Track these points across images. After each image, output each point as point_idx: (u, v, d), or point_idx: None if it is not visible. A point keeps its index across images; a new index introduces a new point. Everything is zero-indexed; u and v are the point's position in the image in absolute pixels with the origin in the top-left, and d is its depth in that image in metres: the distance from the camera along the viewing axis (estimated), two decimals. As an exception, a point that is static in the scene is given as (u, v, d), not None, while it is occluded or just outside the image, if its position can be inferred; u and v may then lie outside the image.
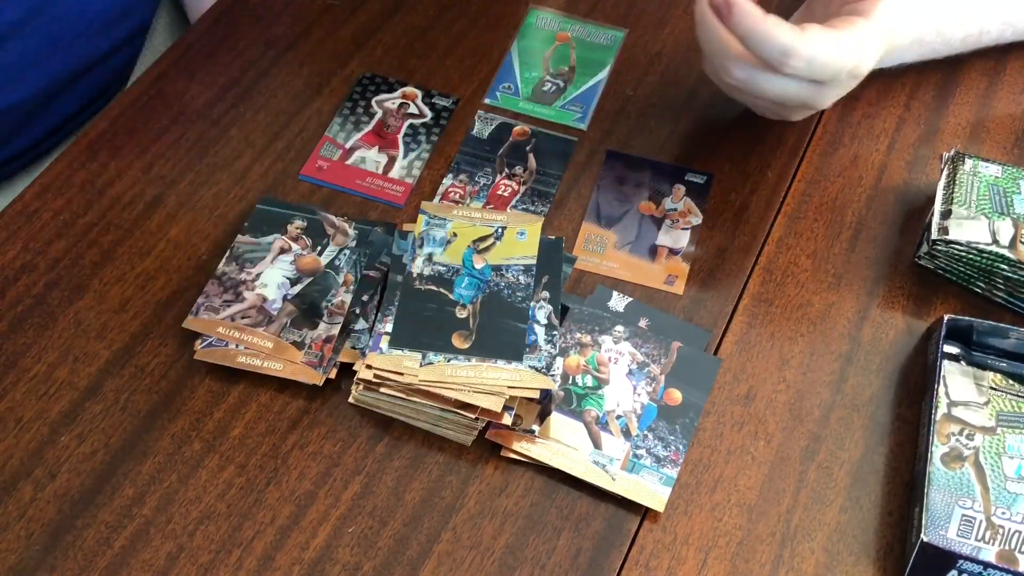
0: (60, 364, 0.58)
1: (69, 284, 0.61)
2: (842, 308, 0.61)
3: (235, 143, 0.68)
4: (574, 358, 0.58)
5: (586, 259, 0.63)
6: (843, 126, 0.70)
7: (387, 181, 0.66)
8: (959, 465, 0.53)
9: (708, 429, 0.56)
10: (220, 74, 0.72)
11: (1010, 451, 0.53)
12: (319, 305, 0.59)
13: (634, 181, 0.67)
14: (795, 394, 0.58)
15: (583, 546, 0.52)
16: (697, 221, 0.65)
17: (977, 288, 0.61)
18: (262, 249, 0.61)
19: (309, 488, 0.54)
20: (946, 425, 0.54)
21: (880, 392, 0.58)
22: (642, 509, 0.53)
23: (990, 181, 0.62)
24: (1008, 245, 0.59)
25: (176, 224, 0.64)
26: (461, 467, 0.55)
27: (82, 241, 0.63)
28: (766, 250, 0.64)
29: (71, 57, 0.76)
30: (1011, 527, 0.51)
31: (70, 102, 0.79)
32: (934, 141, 0.69)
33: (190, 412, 0.56)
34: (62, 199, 0.65)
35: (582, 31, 0.75)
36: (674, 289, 0.62)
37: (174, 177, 0.66)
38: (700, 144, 0.69)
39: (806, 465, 0.55)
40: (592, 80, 0.72)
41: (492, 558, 0.52)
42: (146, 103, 0.70)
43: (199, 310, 0.58)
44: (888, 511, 0.54)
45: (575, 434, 0.55)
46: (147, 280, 0.62)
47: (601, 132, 0.69)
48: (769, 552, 0.52)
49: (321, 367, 0.56)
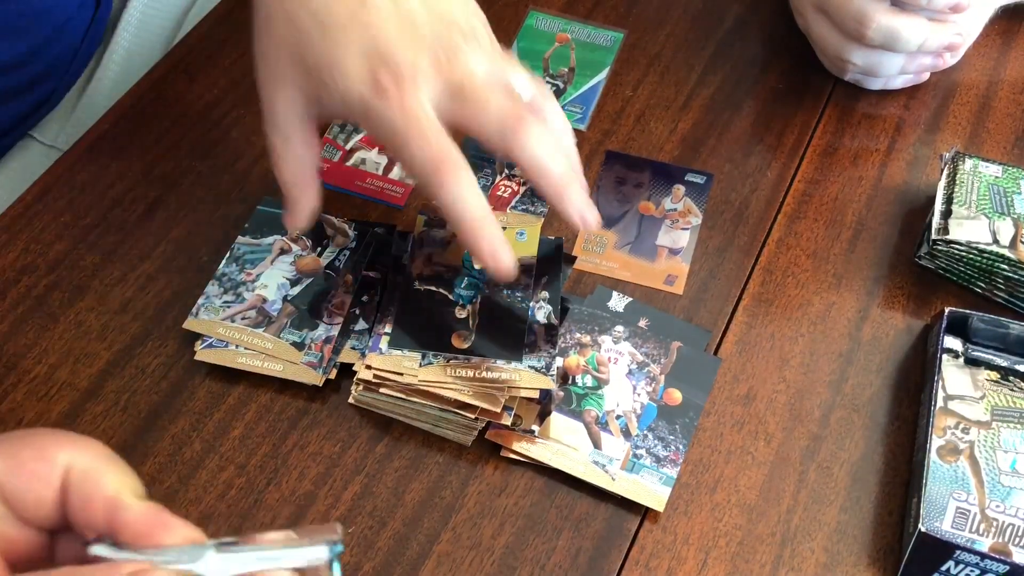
0: (61, 365, 0.58)
1: (70, 285, 0.61)
2: (842, 308, 0.61)
3: (236, 145, 0.68)
4: (574, 358, 0.58)
5: (586, 259, 0.63)
6: (843, 126, 0.70)
7: (387, 182, 0.66)
8: (955, 458, 0.53)
9: (708, 429, 0.56)
10: (221, 76, 0.72)
11: (1005, 445, 0.53)
12: (319, 306, 0.59)
13: (634, 181, 0.67)
14: (795, 394, 0.58)
15: (583, 546, 0.52)
16: (697, 221, 0.65)
17: (977, 288, 0.61)
18: (262, 250, 0.61)
19: (309, 488, 0.54)
20: (942, 419, 0.54)
21: (880, 392, 0.58)
22: (642, 509, 0.53)
23: (990, 181, 0.62)
24: (1008, 245, 0.59)
25: (177, 225, 0.64)
26: (461, 467, 0.55)
27: (83, 242, 0.63)
28: (766, 250, 0.64)
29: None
30: (1005, 520, 0.51)
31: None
32: (934, 141, 0.69)
33: (190, 413, 0.56)
34: (63, 200, 0.65)
35: (582, 32, 0.75)
36: (674, 289, 0.62)
37: (175, 179, 0.67)
38: (700, 144, 0.69)
39: (806, 465, 0.55)
40: (592, 81, 0.72)
41: (492, 558, 0.52)
42: (147, 105, 0.71)
43: (199, 311, 0.58)
44: (888, 511, 0.54)
45: (575, 434, 0.55)
46: (148, 281, 0.62)
47: (601, 132, 0.69)
48: (769, 552, 0.52)
49: (321, 367, 0.56)
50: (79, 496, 0.35)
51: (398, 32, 0.51)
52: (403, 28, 0.51)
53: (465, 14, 0.53)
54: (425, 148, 0.50)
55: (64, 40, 0.77)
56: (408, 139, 0.50)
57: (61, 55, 0.78)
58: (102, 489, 0.35)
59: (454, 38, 0.51)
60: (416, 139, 0.50)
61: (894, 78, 0.70)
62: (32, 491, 0.35)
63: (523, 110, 0.51)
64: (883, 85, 0.71)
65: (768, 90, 0.72)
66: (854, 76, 0.70)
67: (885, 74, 0.69)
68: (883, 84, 0.71)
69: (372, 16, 0.51)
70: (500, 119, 0.51)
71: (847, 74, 0.70)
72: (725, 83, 0.72)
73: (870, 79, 0.70)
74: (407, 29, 0.51)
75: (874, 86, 0.71)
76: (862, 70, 0.69)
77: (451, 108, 0.51)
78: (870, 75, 0.69)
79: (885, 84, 0.71)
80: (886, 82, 0.70)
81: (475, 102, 0.51)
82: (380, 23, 0.51)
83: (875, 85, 0.71)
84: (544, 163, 0.51)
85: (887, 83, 0.70)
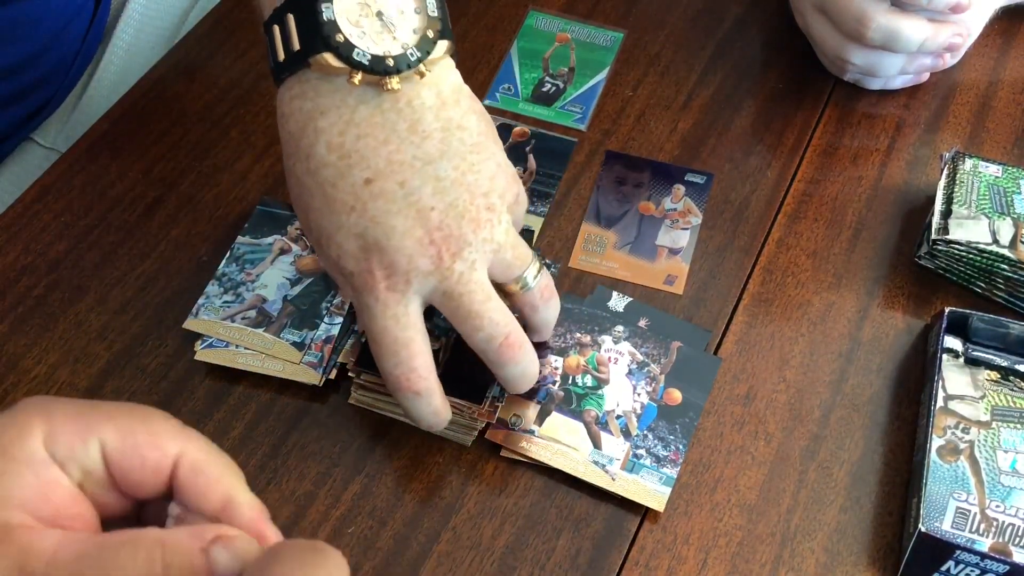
0: (61, 365, 0.58)
1: (70, 285, 0.61)
2: (842, 308, 0.61)
3: (235, 145, 0.68)
4: (574, 358, 0.58)
5: (586, 259, 0.63)
6: (843, 126, 0.70)
7: (387, 182, 0.66)
8: (954, 458, 0.53)
9: (708, 429, 0.56)
10: (220, 76, 0.72)
11: (1005, 445, 0.53)
12: (319, 306, 0.59)
13: (634, 181, 0.67)
14: (795, 394, 0.58)
15: (583, 546, 0.52)
16: (697, 221, 0.65)
17: (977, 288, 0.61)
18: (262, 250, 0.61)
19: (309, 488, 0.54)
20: (942, 419, 0.54)
21: (880, 392, 0.58)
22: (642, 509, 0.53)
23: (990, 181, 0.62)
24: (1008, 245, 0.59)
25: (177, 225, 0.64)
26: (461, 467, 0.55)
27: (83, 242, 0.63)
28: (766, 250, 0.64)
29: None
30: (1005, 520, 0.51)
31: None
32: (934, 141, 0.69)
33: (190, 413, 0.56)
34: (63, 201, 0.65)
35: (582, 32, 0.75)
36: (674, 289, 0.62)
37: (174, 179, 0.67)
38: (700, 144, 0.69)
39: (806, 465, 0.55)
40: (592, 81, 0.72)
41: (492, 558, 0.52)
42: (146, 105, 0.71)
43: (199, 311, 0.58)
44: (888, 511, 0.54)
45: (575, 434, 0.55)
46: (148, 281, 0.62)
47: (601, 132, 0.69)
48: (769, 552, 0.52)
49: (321, 367, 0.56)
50: (194, 488, 0.36)
51: (403, 226, 0.48)
52: (408, 222, 0.48)
53: (485, 193, 0.50)
54: (391, 359, 0.50)
55: (63, 44, 0.77)
56: (379, 343, 0.50)
57: (61, 59, 0.78)
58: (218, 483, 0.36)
59: (464, 234, 0.49)
60: (387, 346, 0.49)
61: (894, 78, 0.70)
62: (142, 475, 0.36)
63: (510, 336, 0.50)
64: (883, 85, 0.71)
65: (768, 90, 0.72)
66: (854, 76, 0.70)
67: (885, 74, 0.69)
68: (883, 84, 0.71)
69: (379, 203, 0.48)
70: (485, 345, 0.51)
71: (847, 74, 0.70)
72: (725, 83, 0.72)
73: (870, 79, 0.70)
74: (412, 223, 0.48)
75: (874, 86, 0.71)
76: (862, 70, 0.69)
77: (441, 305, 0.50)
78: (870, 75, 0.69)
79: (885, 84, 0.71)
80: (886, 82, 0.70)
81: (466, 319, 0.50)
82: (385, 214, 0.48)
83: (875, 85, 0.71)
84: (512, 382, 0.53)
85: (887, 83, 0.70)
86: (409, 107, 0.49)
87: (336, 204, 0.49)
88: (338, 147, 0.48)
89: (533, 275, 0.52)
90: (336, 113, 0.48)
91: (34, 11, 0.73)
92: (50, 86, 0.78)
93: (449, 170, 0.49)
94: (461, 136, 0.50)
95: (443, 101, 0.50)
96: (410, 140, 0.49)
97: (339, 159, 0.48)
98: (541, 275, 0.53)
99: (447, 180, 0.49)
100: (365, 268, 0.49)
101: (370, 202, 0.48)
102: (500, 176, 0.51)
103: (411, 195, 0.48)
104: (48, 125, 0.80)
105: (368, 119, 0.48)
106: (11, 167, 0.78)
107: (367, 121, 0.48)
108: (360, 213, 0.48)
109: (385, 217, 0.48)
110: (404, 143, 0.48)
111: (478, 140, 0.50)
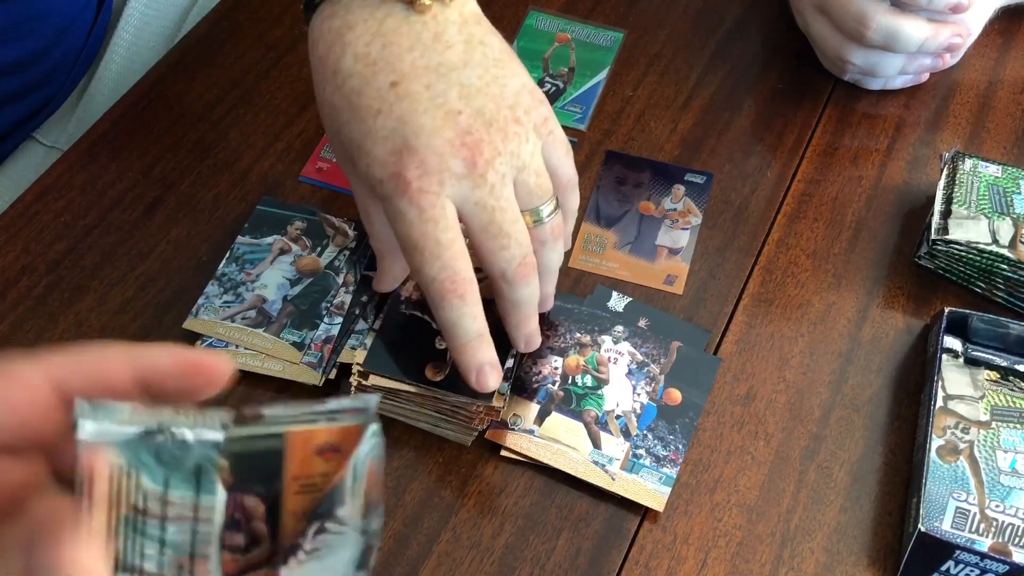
0: (61, 365, 0.58)
1: (70, 285, 0.61)
2: (842, 308, 0.61)
3: (235, 145, 0.68)
4: (574, 358, 0.58)
5: (586, 259, 0.63)
6: (843, 126, 0.70)
7: (387, 182, 0.66)
8: (954, 458, 0.53)
9: (708, 429, 0.56)
10: (220, 76, 0.72)
11: (1004, 445, 0.53)
12: (319, 306, 0.59)
13: (634, 181, 0.67)
14: (795, 394, 0.58)
15: (583, 546, 0.52)
16: (697, 221, 0.65)
17: (977, 288, 0.61)
18: (262, 250, 0.61)
19: (309, 488, 0.54)
20: (942, 418, 0.54)
21: (880, 392, 0.58)
22: (642, 509, 0.53)
23: (990, 181, 0.62)
24: (1008, 245, 0.59)
25: (176, 226, 0.64)
26: (461, 467, 0.55)
27: (83, 243, 0.63)
28: (766, 250, 0.64)
29: None
30: (1005, 520, 0.51)
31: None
32: (934, 141, 0.69)
33: (190, 413, 0.56)
34: (63, 200, 0.65)
35: (582, 32, 0.75)
36: (674, 289, 0.62)
37: (174, 179, 0.67)
38: (700, 144, 0.69)
39: (806, 465, 0.55)
40: (592, 81, 0.72)
41: (492, 558, 0.52)
42: (146, 105, 0.71)
43: (199, 311, 0.58)
44: (888, 511, 0.54)
45: (575, 434, 0.55)
46: (147, 281, 0.62)
47: (601, 132, 0.69)
48: (769, 552, 0.52)
49: (321, 368, 0.56)
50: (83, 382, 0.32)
51: (431, 125, 0.49)
52: (436, 122, 0.49)
53: (511, 106, 0.50)
54: (434, 263, 0.49)
55: (67, 42, 0.77)
56: (420, 249, 0.49)
57: (64, 57, 0.78)
58: (112, 359, 0.32)
59: (494, 141, 0.49)
60: (428, 250, 0.49)
61: (894, 78, 0.70)
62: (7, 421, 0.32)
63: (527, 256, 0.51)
64: (883, 85, 0.71)
65: (768, 90, 0.72)
66: (854, 76, 0.70)
67: (885, 74, 0.69)
68: (883, 84, 0.71)
69: (404, 104, 0.49)
70: (506, 265, 0.51)
71: (847, 74, 0.70)
72: (725, 83, 0.72)
73: (870, 79, 0.70)
74: (440, 123, 0.49)
75: (874, 86, 0.71)
76: (862, 70, 0.69)
77: (472, 216, 0.50)
78: (870, 75, 0.69)
79: (885, 84, 0.71)
80: (886, 82, 0.70)
81: (496, 237, 0.50)
82: (412, 113, 0.49)
83: (875, 85, 0.71)
84: (521, 306, 0.53)
85: (887, 83, 0.70)
86: (434, 20, 0.51)
87: (362, 111, 0.50)
88: (364, 56, 0.50)
89: (548, 212, 0.52)
90: (364, 26, 0.50)
91: (39, 8, 0.73)
92: (53, 84, 0.78)
93: (473, 79, 0.50)
94: (484, 51, 0.51)
95: (465, 19, 0.52)
96: (434, 48, 0.50)
97: (365, 67, 0.50)
98: (556, 214, 0.53)
99: (472, 88, 0.50)
100: (395, 171, 0.49)
101: (396, 103, 0.49)
102: (525, 94, 0.51)
103: (437, 97, 0.49)
104: (50, 125, 0.80)
105: (395, 29, 0.50)
106: (12, 166, 0.78)
107: (394, 31, 0.50)
108: (387, 115, 0.49)
109: (412, 116, 0.49)
110: (428, 50, 0.50)
111: (500, 56, 0.52)
